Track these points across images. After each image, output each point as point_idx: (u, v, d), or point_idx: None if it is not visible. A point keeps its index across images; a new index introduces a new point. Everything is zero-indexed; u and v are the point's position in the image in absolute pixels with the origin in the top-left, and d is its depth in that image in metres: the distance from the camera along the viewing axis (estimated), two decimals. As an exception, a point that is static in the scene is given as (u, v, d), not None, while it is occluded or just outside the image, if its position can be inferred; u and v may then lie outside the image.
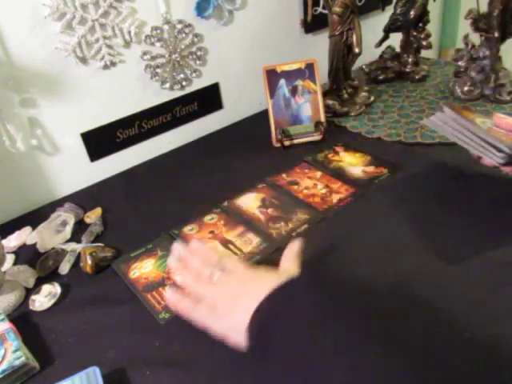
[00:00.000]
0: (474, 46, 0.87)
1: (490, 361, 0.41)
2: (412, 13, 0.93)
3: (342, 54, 0.82)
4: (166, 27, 0.77)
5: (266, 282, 0.41)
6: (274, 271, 0.45)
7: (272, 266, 0.48)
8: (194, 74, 0.85)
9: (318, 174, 0.73)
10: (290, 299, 0.39)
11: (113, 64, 0.75)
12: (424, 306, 0.47)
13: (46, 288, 0.56)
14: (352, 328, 0.36)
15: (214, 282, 0.44)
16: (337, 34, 0.80)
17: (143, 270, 0.57)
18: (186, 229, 0.64)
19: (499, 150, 0.51)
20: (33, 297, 0.55)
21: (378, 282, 0.51)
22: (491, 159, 0.52)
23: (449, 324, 0.45)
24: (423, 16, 0.95)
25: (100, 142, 0.79)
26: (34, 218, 0.70)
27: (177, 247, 0.49)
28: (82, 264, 0.58)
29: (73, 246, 0.62)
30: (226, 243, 0.60)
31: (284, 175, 0.73)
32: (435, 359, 0.41)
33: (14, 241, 0.66)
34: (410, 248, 0.55)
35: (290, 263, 0.47)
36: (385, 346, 0.35)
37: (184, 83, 0.84)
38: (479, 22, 0.84)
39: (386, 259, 0.54)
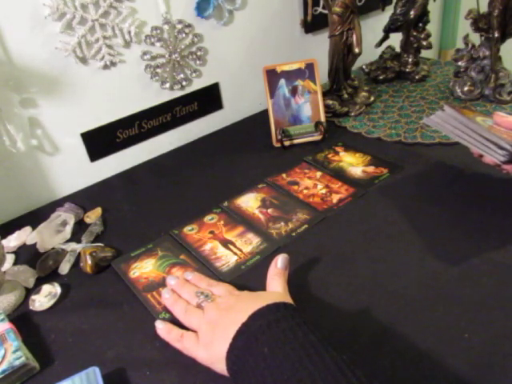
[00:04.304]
0: (474, 45, 0.87)
1: (490, 361, 0.41)
2: (412, 13, 0.93)
3: (342, 54, 0.82)
4: (165, 27, 0.77)
5: (245, 310, 0.41)
6: (257, 296, 0.45)
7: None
8: (194, 74, 0.85)
9: (318, 174, 0.72)
10: (263, 327, 0.38)
11: (113, 64, 0.75)
12: (423, 306, 0.47)
13: (46, 288, 0.56)
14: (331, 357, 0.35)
15: (201, 311, 0.45)
16: (337, 34, 0.80)
17: (143, 269, 0.57)
18: (186, 229, 0.64)
19: (501, 148, 0.51)
20: (33, 297, 0.55)
21: (370, 291, 0.51)
22: (492, 157, 0.52)
23: (448, 324, 0.45)
24: (423, 16, 0.95)
25: (100, 141, 0.79)
26: (34, 218, 0.70)
27: (170, 280, 0.52)
28: (81, 264, 0.58)
29: (73, 246, 0.62)
30: (226, 243, 0.60)
31: (284, 175, 0.73)
32: (434, 360, 0.41)
33: (14, 241, 0.66)
34: (409, 248, 0.55)
35: (274, 283, 0.47)
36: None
37: (184, 83, 0.84)
38: (479, 21, 0.84)
39: (385, 259, 0.54)
